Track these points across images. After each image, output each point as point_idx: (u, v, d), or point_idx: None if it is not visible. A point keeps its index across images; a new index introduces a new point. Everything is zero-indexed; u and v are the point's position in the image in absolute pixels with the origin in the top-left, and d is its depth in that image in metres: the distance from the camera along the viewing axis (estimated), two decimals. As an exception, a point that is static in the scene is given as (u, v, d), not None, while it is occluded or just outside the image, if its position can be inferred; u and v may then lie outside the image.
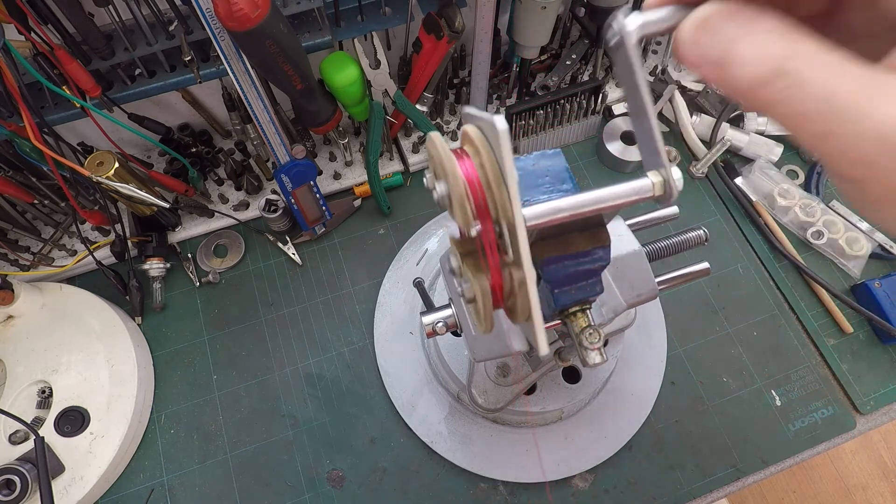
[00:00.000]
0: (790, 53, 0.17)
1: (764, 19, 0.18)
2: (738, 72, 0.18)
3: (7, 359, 0.60)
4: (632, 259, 0.43)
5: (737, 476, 0.59)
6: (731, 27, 0.18)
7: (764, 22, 0.18)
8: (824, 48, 0.17)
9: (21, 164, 0.58)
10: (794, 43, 0.17)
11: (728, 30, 0.18)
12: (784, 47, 0.17)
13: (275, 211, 0.68)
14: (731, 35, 0.18)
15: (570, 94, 0.72)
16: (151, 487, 0.59)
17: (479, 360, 0.46)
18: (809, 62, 0.17)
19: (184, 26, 0.54)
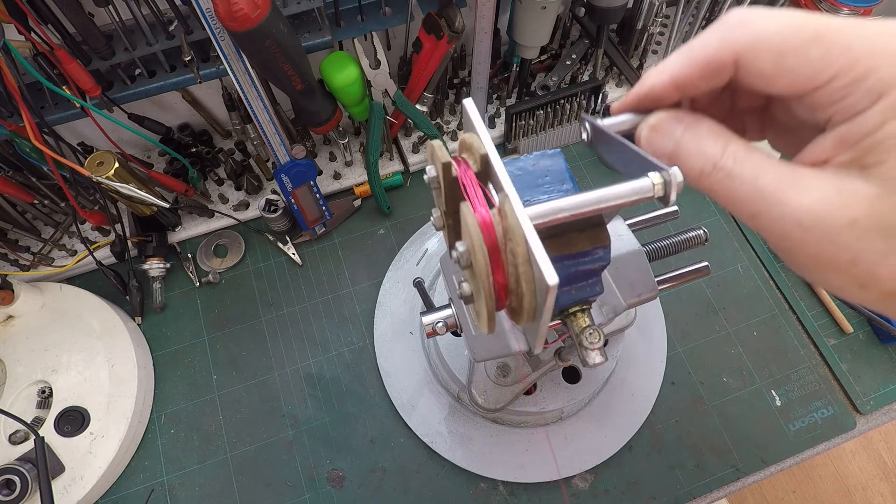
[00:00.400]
0: (722, 152, 0.22)
1: (701, 124, 0.23)
2: (685, 164, 0.23)
3: (7, 359, 0.60)
4: (632, 259, 0.43)
5: (737, 476, 0.59)
6: (678, 129, 0.24)
7: (701, 126, 0.23)
8: (749, 148, 0.22)
9: (21, 164, 0.58)
10: (725, 144, 0.22)
11: (675, 131, 0.24)
12: (718, 147, 0.22)
13: (275, 211, 0.68)
14: (677, 135, 0.24)
15: (570, 94, 0.72)
16: (151, 487, 0.59)
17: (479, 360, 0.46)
18: (737, 159, 0.22)
19: (184, 26, 0.54)
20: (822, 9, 0.70)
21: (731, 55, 0.22)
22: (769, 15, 0.22)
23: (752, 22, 0.22)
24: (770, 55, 0.21)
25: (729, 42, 0.22)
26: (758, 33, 0.21)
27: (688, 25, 0.77)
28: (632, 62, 0.79)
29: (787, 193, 0.20)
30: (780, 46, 0.21)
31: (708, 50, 0.23)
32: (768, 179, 0.20)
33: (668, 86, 0.24)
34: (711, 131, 0.23)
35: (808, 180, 0.20)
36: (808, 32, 0.20)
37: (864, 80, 0.19)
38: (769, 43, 0.21)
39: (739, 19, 0.22)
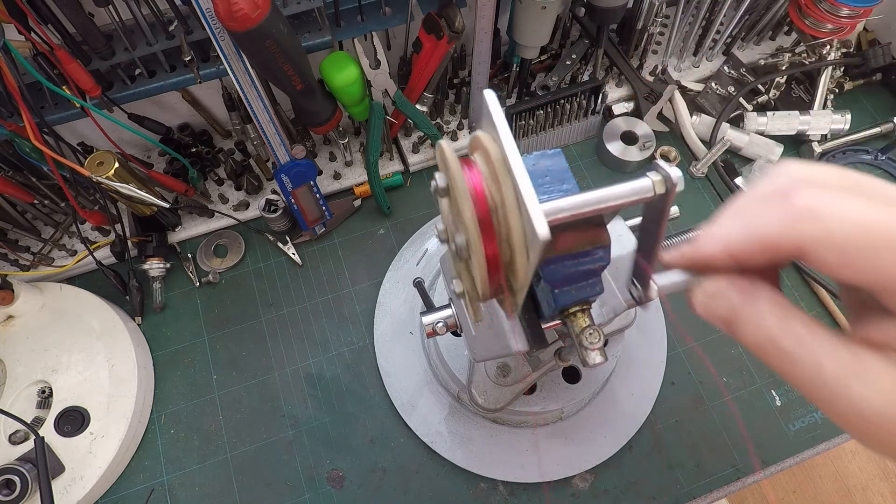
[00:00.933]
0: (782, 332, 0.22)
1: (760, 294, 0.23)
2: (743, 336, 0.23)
3: (7, 359, 0.60)
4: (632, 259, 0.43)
5: (737, 476, 0.59)
6: (735, 297, 0.24)
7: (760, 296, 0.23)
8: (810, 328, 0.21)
9: (21, 164, 0.58)
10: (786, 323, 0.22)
11: (733, 298, 0.24)
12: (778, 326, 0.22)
13: (275, 211, 0.68)
14: (735, 303, 0.23)
15: (570, 94, 0.72)
16: (151, 487, 0.59)
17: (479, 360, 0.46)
18: (800, 342, 0.21)
19: (184, 26, 0.54)
20: (821, 9, 0.70)
21: (796, 245, 0.21)
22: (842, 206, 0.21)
23: (821, 215, 0.21)
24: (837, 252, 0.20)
25: (794, 233, 0.21)
26: (828, 232, 0.20)
27: (688, 25, 0.77)
28: (632, 62, 0.79)
29: (849, 384, 0.20)
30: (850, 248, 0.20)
31: (771, 235, 0.22)
32: (831, 368, 0.20)
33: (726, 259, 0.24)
34: (770, 303, 0.23)
35: (869, 369, 0.20)
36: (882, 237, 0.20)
37: None
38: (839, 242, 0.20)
39: (808, 207, 0.21)
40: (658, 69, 0.80)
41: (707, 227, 0.25)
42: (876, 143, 0.77)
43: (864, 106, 0.80)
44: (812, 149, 0.75)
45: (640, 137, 0.75)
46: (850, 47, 0.81)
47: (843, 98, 0.81)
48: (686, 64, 0.81)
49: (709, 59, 0.81)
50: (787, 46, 0.81)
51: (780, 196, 0.22)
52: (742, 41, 0.82)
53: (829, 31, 0.73)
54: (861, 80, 0.81)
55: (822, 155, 0.76)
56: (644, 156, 0.73)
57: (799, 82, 0.80)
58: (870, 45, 0.79)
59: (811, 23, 0.73)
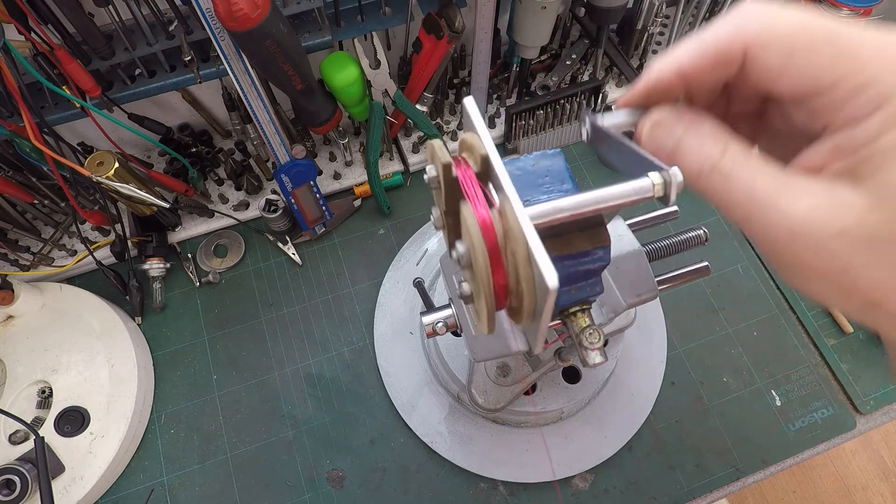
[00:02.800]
0: (722, 153, 0.22)
1: (704, 123, 0.23)
2: (684, 163, 0.23)
3: (7, 359, 0.60)
4: (632, 259, 0.43)
5: (737, 476, 0.59)
6: (679, 127, 0.24)
7: (703, 125, 0.23)
8: (748, 151, 0.22)
9: (21, 164, 0.58)
10: (725, 145, 0.22)
11: (676, 129, 0.24)
12: (718, 149, 0.22)
13: (275, 211, 0.68)
14: (678, 133, 0.24)
15: (570, 94, 0.72)
16: (151, 487, 0.59)
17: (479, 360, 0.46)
18: (736, 162, 0.22)
19: (184, 26, 0.54)
20: (821, 9, 0.70)
21: (742, 46, 0.22)
22: (784, 12, 0.22)
23: (766, 16, 0.22)
24: (779, 51, 0.21)
25: (741, 33, 0.22)
26: (771, 28, 0.21)
27: (688, 25, 0.77)
28: (632, 62, 0.79)
29: (779, 200, 0.20)
30: (791, 43, 0.21)
31: (720, 39, 0.23)
32: (763, 184, 0.21)
33: (674, 76, 0.24)
34: (713, 131, 0.23)
35: (801, 187, 0.20)
36: (820, 33, 0.20)
37: (867, 87, 0.19)
38: (780, 38, 0.21)
39: (754, 12, 0.22)
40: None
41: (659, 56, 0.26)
42: (876, 143, 0.77)
43: (864, 106, 0.80)
44: (812, 149, 0.75)
45: (640, 137, 0.75)
46: (850, 47, 0.81)
47: (843, 98, 0.81)
48: (686, 64, 0.81)
49: (709, 59, 0.81)
50: (787, 46, 0.81)
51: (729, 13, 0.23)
52: (742, 41, 0.82)
53: (829, 31, 0.73)
54: (861, 80, 0.81)
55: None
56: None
57: (799, 82, 0.80)
58: (870, 45, 0.79)
59: (811, 23, 0.73)
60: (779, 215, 0.20)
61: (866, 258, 0.19)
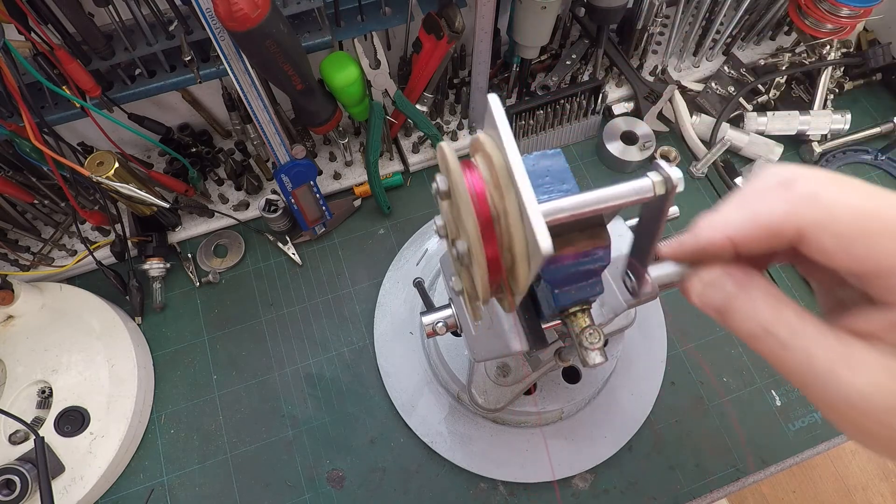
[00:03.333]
0: (776, 320, 0.22)
1: (754, 283, 0.24)
2: (736, 324, 0.24)
3: (7, 359, 0.60)
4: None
5: (737, 476, 0.59)
6: (730, 286, 0.24)
7: (754, 286, 0.24)
8: (802, 318, 0.22)
9: (21, 164, 0.58)
10: (779, 312, 0.22)
11: (728, 287, 0.24)
12: (771, 315, 0.22)
13: (275, 211, 0.68)
14: (730, 292, 0.24)
15: (570, 94, 0.72)
16: (151, 487, 0.59)
17: (479, 360, 0.46)
18: (791, 329, 0.22)
19: (184, 26, 0.54)
20: (821, 9, 0.70)
21: (796, 228, 0.22)
22: (843, 195, 0.21)
23: (822, 199, 0.22)
24: (836, 237, 0.21)
25: (796, 216, 0.22)
26: (829, 215, 0.21)
27: (688, 25, 0.77)
28: (632, 62, 0.79)
29: (838, 371, 0.20)
30: (850, 233, 0.21)
31: (773, 219, 0.22)
32: (821, 356, 0.21)
33: (725, 242, 0.24)
34: (764, 293, 0.23)
35: (859, 359, 0.21)
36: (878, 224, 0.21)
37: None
38: (839, 227, 0.21)
39: (809, 192, 0.22)
40: (658, 69, 0.80)
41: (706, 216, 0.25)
42: (876, 143, 0.77)
43: (864, 106, 0.80)
44: (812, 149, 0.75)
45: (640, 137, 0.75)
46: (850, 47, 0.81)
47: (843, 98, 0.81)
48: (686, 64, 0.81)
49: (709, 59, 0.81)
50: (787, 46, 0.81)
51: (782, 185, 0.23)
52: (742, 41, 0.82)
53: (829, 31, 0.73)
54: (861, 80, 0.81)
55: (822, 155, 0.76)
56: (644, 156, 0.73)
57: (799, 82, 0.80)
58: (870, 45, 0.79)
59: (811, 23, 0.73)
60: (839, 387, 0.20)
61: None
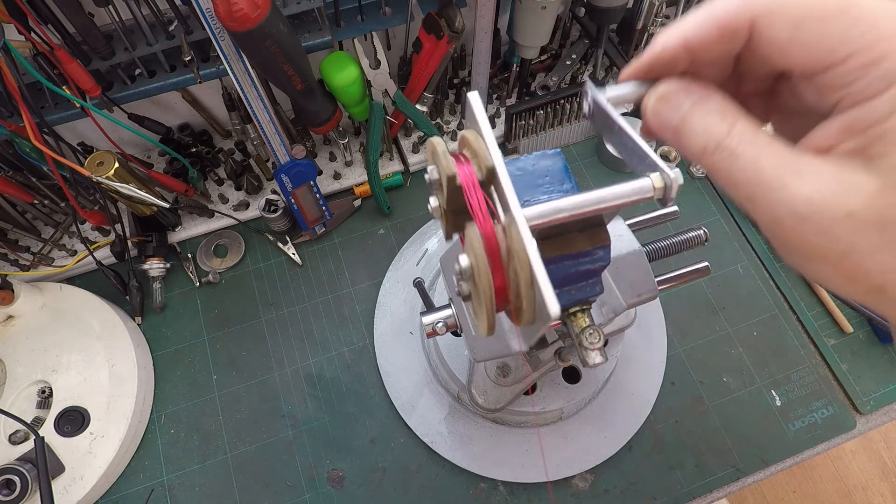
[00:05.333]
0: (728, 131, 0.21)
1: (711, 98, 0.23)
2: (689, 140, 0.23)
3: (7, 359, 0.60)
4: (632, 259, 0.43)
5: (737, 476, 0.59)
6: (686, 102, 0.23)
7: (711, 100, 0.22)
8: (756, 129, 0.21)
9: (21, 164, 0.58)
10: (732, 122, 0.21)
11: (683, 104, 0.23)
12: (724, 125, 0.22)
13: (275, 211, 0.68)
14: (685, 108, 0.23)
15: (570, 94, 0.72)
16: (151, 487, 0.59)
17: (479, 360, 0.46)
18: (742, 140, 0.21)
19: (184, 26, 0.54)
20: None
21: (749, 17, 0.21)
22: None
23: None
24: (788, 21, 0.20)
25: (749, 3, 0.21)
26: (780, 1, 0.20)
27: (688, 25, 0.77)
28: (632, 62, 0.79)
29: (785, 179, 0.19)
30: (801, 13, 0.20)
31: (727, 9, 0.22)
32: (769, 163, 0.20)
33: (680, 48, 0.23)
34: (720, 107, 0.22)
35: (808, 167, 0.19)
36: (832, 2, 0.19)
37: (881, 62, 0.18)
38: (789, 8, 0.20)
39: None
40: (658, 69, 0.80)
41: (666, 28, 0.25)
42: (876, 143, 0.77)
43: (864, 106, 0.80)
44: (812, 149, 0.75)
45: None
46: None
47: (843, 98, 0.80)
48: (686, 64, 0.81)
49: (709, 59, 0.81)
50: (787, 46, 0.81)
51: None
52: (742, 41, 0.82)
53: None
54: (861, 79, 0.80)
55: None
56: (644, 156, 0.73)
57: (799, 82, 0.80)
58: (870, 45, 0.79)
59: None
60: (784, 195, 0.19)
61: (873, 242, 0.18)
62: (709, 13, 0.22)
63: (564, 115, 0.73)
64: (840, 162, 0.19)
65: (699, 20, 0.23)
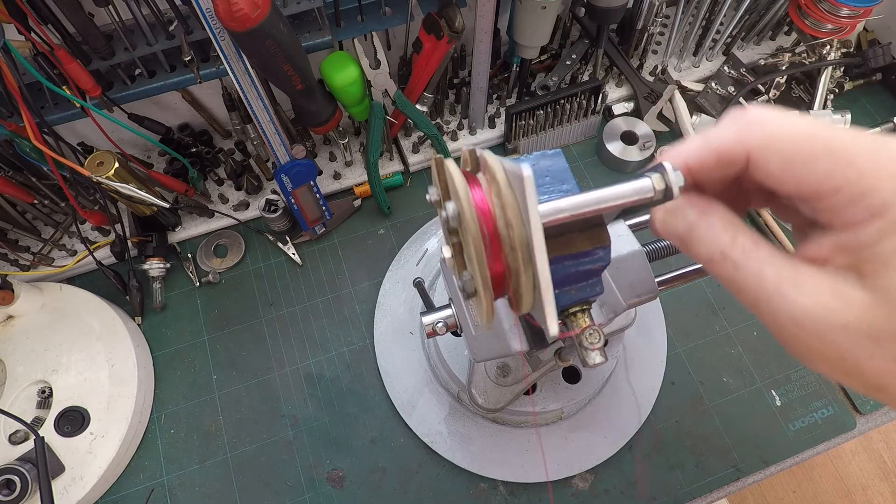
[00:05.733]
0: (731, 243, 0.23)
1: (714, 211, 0.25)
2: (696, 249, 0.25)
3: (7, 359, 0.60)
4: (632, 259, 0.43)
5: (737, 476, 0.59)
6: (691, 213, 0.25)
7: (714, 213, 0.25)
8: (756, 241, 0.23)
9: (21, 164, 0.58)
10: (734, 235, 0.24)
11: (689, 216, 0.25)
12: (727, 237, 0.24)
13: (275, 211, 0.68)
14: (691, 220, 0.25)
15: (570, 94, 0.72)
16: (151, 487, 0.59)
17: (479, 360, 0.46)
18: (745, 251, 0.23)
19: (184, 26, 0.54)
20: (821, 9, 0.70)
21: (744, 151, 0.24)
22: (785, 120, 0.23)
23: (767, 124, 0.23)
24: (780, 158, 0.23)
25: (744, 138, 0.24)
26: (772, 137, 0.23)
27: (688, 25, 0.77)
28: (632, 62, 0.79)
29: (786, 290, 0.22)
30: (791, 153, 0.22)
31: (724, 142, 0.24)
32: (771, 275, 0.22)
33: (683, 170, 0.25)
34: (723, 220, 0.24)
35: (806, 280, 0.22)
36: (818, 144, 0.22)
37: (865, 196, 0.21)
38: (781, 146, 0.23)
39: (757, 118, 0.24)
40: (658, 69, 0.80)
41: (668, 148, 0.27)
42: (876, 143, 0.77)
43: (864, 106, 0.80)
44: (812, 149, 0.75)
45: (640, 137, 0.75)
46: (850, 47, 0.81)
47: (843, 98, 0.81)
48: (686, 64, 0.81)
49: (709, 59, 0.81)
50: (787, 46, 0.81)
51: (734, 116, 0.25)
52: (742, 41, 0.82)
53: (829, 31, 0.73)
54: (861, 80, 0.81)
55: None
56: (644, 156, 0.73)
57: (799, 82, 0.80)
58: (870, 45, 0.79)
59: (811, 23, 0.73)
60: (785, 305, 0.21)
61: (869, 350, 0.20)
62: (708, 142, 0.25)
63: (564, 115, 0.73)
64: (835, 276, 0.22)
65: (699, 147, 0.25)
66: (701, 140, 0.25)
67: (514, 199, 0.25)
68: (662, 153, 0.27)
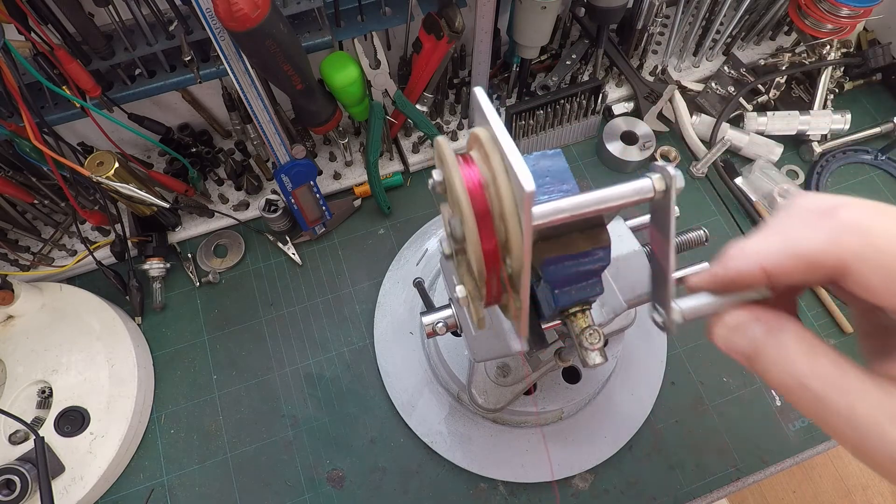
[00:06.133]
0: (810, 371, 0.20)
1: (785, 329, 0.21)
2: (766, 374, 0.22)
3: (7, 359, 0.60)
4: (632, 259, 0.43)
5: (737, 476, 0.59)
6: (758, 331, 0.22)
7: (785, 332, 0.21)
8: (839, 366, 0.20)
9: (21, 164, 0.58)
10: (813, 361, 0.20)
11: (756, 333, 0.22)
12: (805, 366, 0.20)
13: (275, 211, 0.68)
14: (758, 338, 0.22)
15: (570, 94, 0.72)
16: (151, 487, 0.59)
17: (479, 360, 0.46)
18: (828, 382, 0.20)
19: (184, 26, 0.54)
20: (821, 9, 0.70)
21: (839, 262, 0.20)
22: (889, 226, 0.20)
23: (869, 231, 0.20)
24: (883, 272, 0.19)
25: (839, 247, 0.20)
26: (876, 248, 0.20)
27: (688, 25, 0.77)
28: (632, 62, 0.79)
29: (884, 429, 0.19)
30: None
31: (813, 249, 0.21)
32: (864, 410, 0.19)
33: (759, 273, 0.22)
34: (797, 340, 0.21)
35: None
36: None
37: None
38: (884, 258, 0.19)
39: (853, 222, 0.20)
40: (658, 69, 0.80)
41: (738, 243, 0.23)
42: (876, 143, 0.77)
43: (864, 106, 0.80)
44: (812, 149, 0.75)
45: (640, 137, 0.75)
46: (850, 47, 0.81)
47: (843, 98, 0.81)
48: (686, 64, 0.81)
49: (709, 59, 0.81)
50: (787, 46, 0.81)
51: (823, 213, 0.21)
52: (742, 41, 0.82)
53: (829, 31, 0.73)
54: (861, 80, 0.81)
55: (822, 155, 0.76)
56: (644, 156, 0.73)
57: (799, 82, 0.80)
58: (870, 45, 0.79)
59: (811, 23, 0.73)
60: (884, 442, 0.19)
61: None
62: (793, 245, 0.21)
63: (564, 115, 0.73)
64: None
65: (780, 251, 0.22)
66: (780, 242, 0.22)
67: (512, 200, 0.25)
68: (731, 248, 0.23)
